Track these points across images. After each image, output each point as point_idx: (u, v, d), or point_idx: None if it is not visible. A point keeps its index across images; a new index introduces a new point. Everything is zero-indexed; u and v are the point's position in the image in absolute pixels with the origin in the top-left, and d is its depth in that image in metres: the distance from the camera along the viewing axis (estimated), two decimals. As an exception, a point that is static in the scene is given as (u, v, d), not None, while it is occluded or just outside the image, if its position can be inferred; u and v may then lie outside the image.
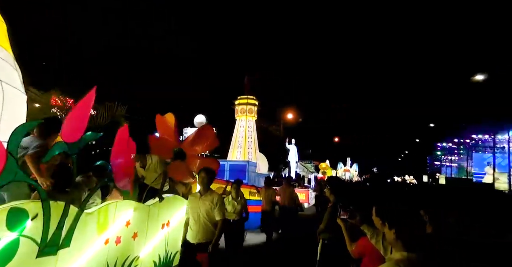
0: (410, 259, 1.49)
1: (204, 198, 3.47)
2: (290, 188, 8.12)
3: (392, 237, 1.58)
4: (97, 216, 2.61)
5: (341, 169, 37.99)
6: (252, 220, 8.01)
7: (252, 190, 8.03)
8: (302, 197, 16.25)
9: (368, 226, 2.20)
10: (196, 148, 3.90)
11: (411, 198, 16.51)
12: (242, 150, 9.95)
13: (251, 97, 10.63)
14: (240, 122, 10.45)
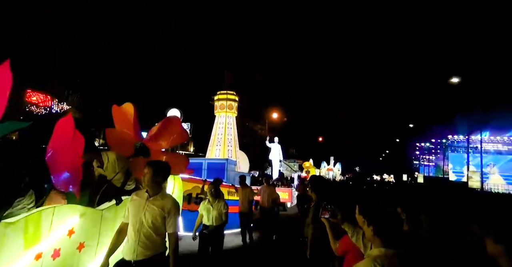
0: (387, 255, 1.51)
1: (153, 201, 2.65)
2: (270, 187, 7.75)
3: (371, 234, 1.61)
4: (23, 226, 2.08)
5: (324, 168, 38.09)
6: (230, 221, 7.58)
7: (231, 189, 7.59)
8: (285, 196, 16.02)
9: (349, 225, 2.24)
10: (161, 142, 3.39)
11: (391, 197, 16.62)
12: (221, 148, 9.44)
13: (231, 92, 10.12)
14: (220, 119, 9.94)
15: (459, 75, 24.35)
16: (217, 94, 10.14)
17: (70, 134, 2.52)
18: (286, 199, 16.04)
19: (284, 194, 16.12)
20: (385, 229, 1.60)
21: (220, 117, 10.00)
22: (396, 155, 73.68)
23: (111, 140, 3.44)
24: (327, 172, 37.33)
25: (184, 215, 6.65)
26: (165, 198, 2.72)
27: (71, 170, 2.61)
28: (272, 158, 19.57)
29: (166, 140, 3.38)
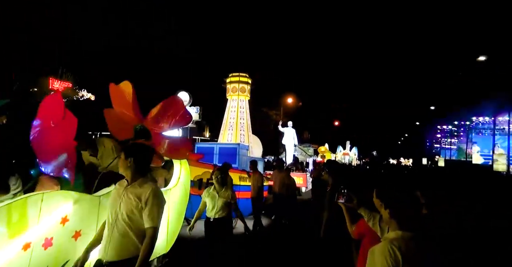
0: (404, 238, 1.51)
1: (131, 189, 2.21)
2: (282, 173, 7.45)
3: (388, 217, 1.61)
4: (5, 214, 1.90)
5: (340, 152, 37.37)
6: (242, 207, 7.43)
7: (242, 175, 7.37)
8: (299, 181, 15.71)
9: (365, 209, 2.24)
10: (162, 124, 3.13)
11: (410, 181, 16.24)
12: (234, 132, 9.16)
13: (244, 75, 9.68)
14: (232, 102, 9.60)
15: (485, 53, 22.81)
16: (228, 76, 9.76)
17: (59, 114, 2.29)
18: (301, 184, 15.77)
19: (298, 179, 15.82)
20: (402, 212, 1.59)
21: (232, 100, 9.66)
22: (416, 138, 71.47)
23: (110, 122, 3.22)
24: (343, 156, 36.63)
25: (195, 201, 6.54)
26: (143, 185, 2.23)
27: (63, 153, 2.41)
28: (285, 143, 19.19)
29: (167, 122, 3.11)
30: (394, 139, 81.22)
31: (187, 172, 4.29)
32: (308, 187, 16.14)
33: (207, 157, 7.89)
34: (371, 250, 1.58)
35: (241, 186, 7.51)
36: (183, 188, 4.16)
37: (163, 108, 3.09)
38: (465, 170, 31.81)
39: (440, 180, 18.62)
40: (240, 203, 7.39)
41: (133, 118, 3.09)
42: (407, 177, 20.24)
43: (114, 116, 3.18)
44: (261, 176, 7.16)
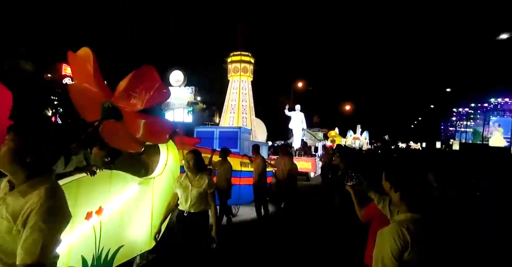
0: (413, 220, 1.52)
1: (10, 197, 1.34)
2: (285, 158, 6.90)
3: (397, 200, 1.63)
4: None
5: (350, 137, 36.47)
6: (245, 194, 7.00)
7: (244, 160, 6.88)
8: (307, 166, 15.23)
9: (375, 192, 2.26)
10: (134, 101, 2.59)
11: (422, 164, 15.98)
12: (235, 116, 8.61)
13: (246, 54, 8.97)
14: (233, 83, 8.96)
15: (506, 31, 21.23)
16: (229, 55, 9.09)
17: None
18: (309, 169, 15.28)
19: (307, 164, 15.33)
20: (412, 194, 1.60)
21: (233, 81, 9.01)
22: (429, 121, 69.39)
23: (75, 100, 2.72)
24: (353, 141, 35.76)
25: None
26: (33, 190, 1.31)
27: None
28: (293, 127, 18.53)
29: (140, 98, 2.57)
30: (407, 123, 79.18)
31: (176, 158, 3.81)
32: (317, 172, 15.59)
33: (207, 141, 7.42)
34: (380, 232, 1.57)
35: (243, 172, 7.05)
36: (170, 176, 3.70)
37: (132, 81, 2.54)
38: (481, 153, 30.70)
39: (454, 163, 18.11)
40: (242, 189, 6.98)
41: (99, 94, 2.57)
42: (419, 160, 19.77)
43: (77, 92, 2.67)
44: (264, 162, 6.66)
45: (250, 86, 9.09)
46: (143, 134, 2.66)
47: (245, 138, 7.78)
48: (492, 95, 47.72)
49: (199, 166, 3.29)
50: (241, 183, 7.24)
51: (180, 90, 5.85)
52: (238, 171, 6.95)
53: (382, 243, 1.53)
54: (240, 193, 7.10)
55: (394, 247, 1.46)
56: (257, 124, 9.17)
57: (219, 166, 5.89)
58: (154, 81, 2.56)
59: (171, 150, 3.66)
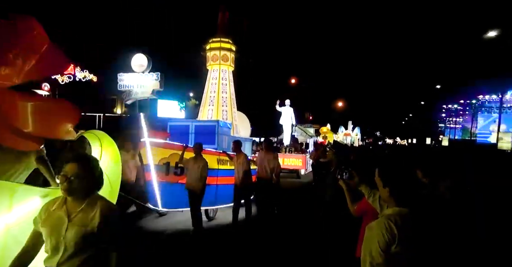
0: (401, 214, 1.57)
1: None
2: (268, 154, 6.20)
3: (387, 195, 1.68)
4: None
5: (342, 133, 36.03)
6: (223, 195, 6.26)
7: (222, 157, 6.12)
8: (298, 163, 14.71)
9: (366, 186, 2.30)
10: (6, 71, 1.67)
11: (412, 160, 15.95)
12: (215, 109, 7.81)
13: (226, 40, 8.11)
14: (212, 73, 8.12)
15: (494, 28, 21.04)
16: (208, 42, 8.24)
17: None
18: (299, 166, 14.77)
19: (297, 161, 14.78)
20: (400, 189, 1.64)
21: (212, 71, 8.14)
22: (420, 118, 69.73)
23: None
24: (344, 137, 35.35)
25: (164, 188, 5.22)
26: None
27: None
28: (283, 123, 17.92)
29: (15, 65, 1.65)
30: (398, 119, 79.50)
31: (115, 157, 2.82)
32: (308, 169, 15.06)
33: (182, 137, 6.65)
34: (369, 226, 1.62)
35: (220, 170, 6.31)
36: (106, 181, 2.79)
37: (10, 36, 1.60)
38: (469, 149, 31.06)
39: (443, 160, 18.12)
40: (220, 190, 6.20)
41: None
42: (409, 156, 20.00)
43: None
44: (247, 159, 5.92)
45: (231, 76, 8.27)
46: (35, 125, 1.79)
47: (224, 133, 7.01)
48: (481, 92, 48.06)
49: (90, 184, 1.69)
50: (219, 182, 6.48)
51: (144, 76, 5.08)
52: (215, 169, 6.22)
53: (370, 236, 1.57)
54: (217, 194, 6.36)
55: (381, 240, 1.50)
56: (239, 118, 8.40)
57: (192, 163, 5.20)
58: (37, 41, 1.66)
59: (107, 146, 2.59)
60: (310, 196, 8.27)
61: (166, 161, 5.41)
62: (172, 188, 5.53)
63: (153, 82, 5.06)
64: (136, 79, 5.07)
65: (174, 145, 5.58)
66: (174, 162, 5.40)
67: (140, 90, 5.17)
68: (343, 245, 3.18)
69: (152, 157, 5.26)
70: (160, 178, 5.39)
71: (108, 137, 2.41)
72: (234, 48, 8.33)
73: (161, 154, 5.33)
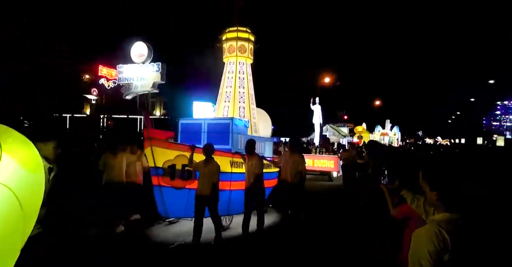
0: (451, 220, 1.48)
1: None
2: (294, 155, 5.44)
3: (434, 200, 1.59)
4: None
5: (378, 132, 33.73)
6: (238, 201, 5.55)
7: (235, 159, 5.37)
8: (330, 165, 13.71)
9: (408, 191, 2.19)
10: None
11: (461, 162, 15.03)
12: (231, 105, 7.04)
13: (243, 29, 7.28)
14: (229, 66, 7.37)
15: None
16: (224, 32, 7.49)
17: None
18: (331, 168, 13.72)
19: (329, 162, 13.76)
20: (449, 194, 1.54)
21: (229, 64, 7.41)
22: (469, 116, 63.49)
23: None
24: (381, 137, 33.04)
25: (169, 194, 4.64)
26: None
27: None
28: (315, 122, 16.92)
29: None
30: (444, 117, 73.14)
31: (29, 161, 1.73)
32: (341, 171, 13.98)
33: (194, 136, 6.03)
34: (416, 233, 1.51)
35: (234, 174, 5.57)
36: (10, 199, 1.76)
37: None
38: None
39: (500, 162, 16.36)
40: (234, 196, 5.48)
41: None
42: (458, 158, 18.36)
43: None
44: (260, 161, 5.16)
45: (249, 69, 7.47)
46: None
47: (240, 132, 6.24)
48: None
49: None
50: (232, 188, 5.72)
51: (144, 67, 4.51)
52: (228, 173, 5.52)
53: (418, 244, 1.47)
54: (231, 201, 5.63)
55: (432, 249, 1.40)
56: (259, 115, 7.58)
57: (202, 167, 4.58)
58: None
59: (14, 145, 1.57)
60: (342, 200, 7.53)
61: (171, 163, 4.79)
62: (179, 194, 4.90)
63: (154, 74, 4.46)
64: (136, 71, 4.53)
65: (180, 146, 4.95)
66: (180, 164, 4.77)
67: (139, 83, 4.61)
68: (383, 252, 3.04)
69: (155, 159, 4.65)
70: (165, 183, 4.78)
71: (18, 134, 1.63)
72: (253, 38, 7.51)
73: (166, 156, 4.73)
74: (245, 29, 7.38)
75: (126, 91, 4.66)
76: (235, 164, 5.72)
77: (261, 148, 7.25)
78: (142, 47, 4.57)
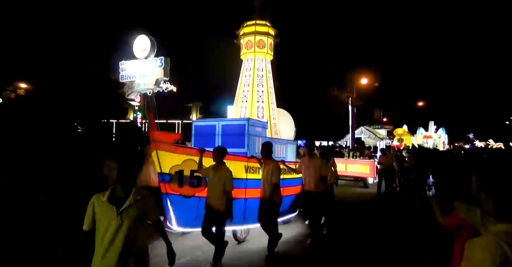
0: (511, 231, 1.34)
1: None
2: (315, 160, 4.77)
3: (491, 209, 1.44)
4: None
5: (421, 135, 31.02)
6: (254, 211, 5.02)
7: (251, 163, 4.80)
8: (365, 171, 12.69)
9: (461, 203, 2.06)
10: None
11: None
12: (249, 105, 6.41)
13: (262, 23, 6.64)
14: (246, 63, 6.77)
15: None
16: (241, 26, 6.90)
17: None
18: (367, 174, 12.71)
19: (363, 167, 12.73)
20: (508, 201, 1.38)
21: (247, 61, 6.81)
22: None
23: None
24: (424, 139, 30.32)
25: (176, 203, 4.23)
26: None
27: None
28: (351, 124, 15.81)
29: None
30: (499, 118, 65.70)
31: None
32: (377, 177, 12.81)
33: (208, 139, 5.58)
34: (470, 243, 1.36)
35: (249, 180, 5.03)
36: None
37: None
38: None
39: None
40: (249, 205, 4.92)
41: None
42: None
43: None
44: (277, 167, 4.53)
45: (269, 66, 6.81)
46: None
47: (257, 134, 5.66)
48: None
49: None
50: (248, 196, 5.16)
51: (146, 63, 4.06)
52: (243, 179, 5.00)
53: (471, 256, 1.33)
54: (247, 211, 5.09)
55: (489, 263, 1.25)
56: (280, 116, 6.89)
57: (212, 174, 4.10)
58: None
59: None
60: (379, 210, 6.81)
61: (179, 169, 4.33)
62: (188, 203, 4.44)
63: (156, 69, 4.00)
64: (138, 67, 4.14)
65: (188, 150, 4.53)
66: (188, 170, 4.32)
67: (142, 81, 4.21)
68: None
69: (161, 164, 4.24)
70: (172, 191, 4.35)
71: None
72: (273, 32, 6.88)
73: (173, 161, 4.27)
74: (264, 23, 6.78)
75: (129, 90, 4.30)
76: (251, 169, 5.15)
77: (282, 152, 6.60)
78: (145, 41, 4.18)
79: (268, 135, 6.27)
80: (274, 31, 6.89)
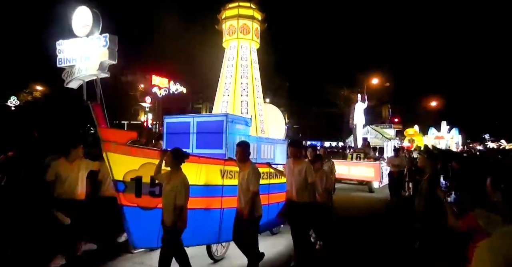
0: None
1: None
2: (300, 163, 3.96)
3: (506, 209, 1.47)
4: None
5: (432, 135, 29.66)
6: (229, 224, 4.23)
7: (227, 167, 3.99)
8: (369, 174, 11.80)
9: (481, 212, 1.98)
10: None
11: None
12: (230, 99, 5.53)
13: (246, 5, 5.73)
14: (229, 52, 5.88)
15: None
16: (222, 9, 5.97)
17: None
18: (371, 177, 11.83)
19: (368, 170, 11.87)
20: None
21: (229, 49, 5.91)
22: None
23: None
24: (435, 140, 28.99)
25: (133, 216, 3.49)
26: None
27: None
28: (357, 122, 14.80)
29: None
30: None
31: None
32: (384, 181, 11.85)
33: (181, 137, 4.79)
34: (480, 245, 1.38)
35: (227, 187, 4.31)
36: None
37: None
38: None
39: None
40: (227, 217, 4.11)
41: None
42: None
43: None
44: (255, 171, 3.70)
45: (254, 55, 5.91)
46: None
47: (238, 132, 4.83)
48: None
49: None
50: (224, 205, 4.37)
51: (89, 42, 3.21)
52: (218, 186, 4.15)
53: (481, 257, 1.34)
54: (223, 223, 4.53)
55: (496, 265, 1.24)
56: (269, 112, 5.99)
57: (166, 181, 3.41)
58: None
59: None
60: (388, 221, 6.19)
61: (136, 175, 3.55)
62: (148, 217, 3.64)
63: (100, 50, 3.11)
64: (79, 47, 3.29)
65: (146, 151, 3.75)
66: (148, 176, 3.58)
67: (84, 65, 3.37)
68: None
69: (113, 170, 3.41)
70: (128, 202, 3.57)
71: None
72: (259, 16, 5.95)
73: (127, 165, 3.52)
74: (249, 5, 5.88)
75: (69, 77, 3.44)
76: (228, 173, 4.38)
77: (270, 153, 5.74)
78: (86, 14, 3.31)
79: (253, 133, 5.40)
80: (261, 15, 5.98)
